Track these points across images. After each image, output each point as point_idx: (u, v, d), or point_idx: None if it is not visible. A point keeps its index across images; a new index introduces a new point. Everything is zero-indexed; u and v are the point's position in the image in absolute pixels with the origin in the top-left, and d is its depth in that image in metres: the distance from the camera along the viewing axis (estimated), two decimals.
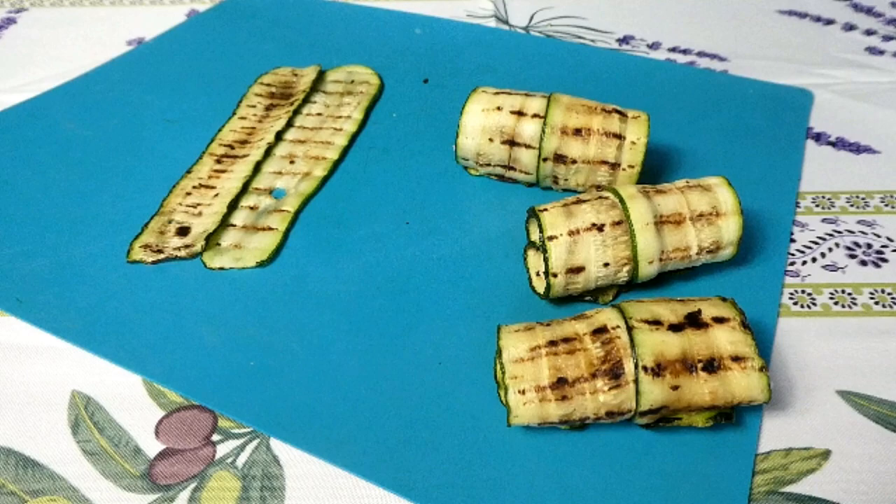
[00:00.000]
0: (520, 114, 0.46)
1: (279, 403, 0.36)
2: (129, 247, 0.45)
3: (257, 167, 0.51)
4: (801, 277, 0.43)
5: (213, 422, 0.36)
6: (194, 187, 0.50)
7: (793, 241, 0.46)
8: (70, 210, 0.48)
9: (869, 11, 0.72)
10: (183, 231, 0.46)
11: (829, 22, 0.70)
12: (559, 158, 0.46)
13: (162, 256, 0.44)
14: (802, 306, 0.41)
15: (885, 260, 0.44)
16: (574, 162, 0.45)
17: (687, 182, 0.41)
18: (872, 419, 0.35)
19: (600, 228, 0.38)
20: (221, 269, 0.44)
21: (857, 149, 0.54)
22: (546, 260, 0.38)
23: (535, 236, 0.42)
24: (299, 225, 0.47)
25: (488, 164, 0.49)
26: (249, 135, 0.55)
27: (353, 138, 0.56)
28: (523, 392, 0.32)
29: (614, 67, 0.64)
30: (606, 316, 0.34)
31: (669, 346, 0.32)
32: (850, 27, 0.69)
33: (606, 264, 0.38)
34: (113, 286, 0.43)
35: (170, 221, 0.47)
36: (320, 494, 0.33)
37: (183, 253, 0.44)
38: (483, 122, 0.47)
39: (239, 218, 0.47)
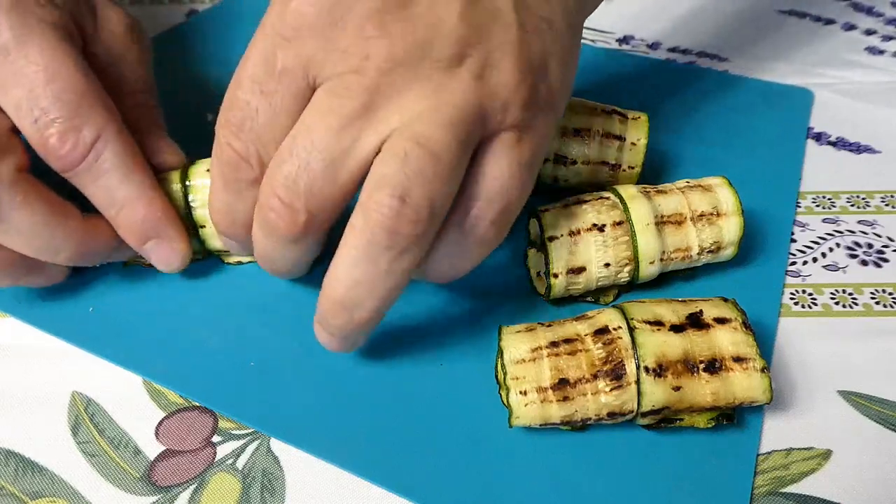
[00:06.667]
0: None
1: (279, 404, 0.36)
2: None
3: None
4: (801, 277, 0.43)
5: (214, 423, 0.36)
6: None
7: (793, 241, 0.46)
8: None
9: (869, 11, 0.71)
10: None
11: (829, 22, 0.70)
12: (560, 159, 0.46)
13: None
14: (803, 306, 0.41)
15: (885, 260, 0.44)
16: (574, 163, 0.45)
17: (687, 182, 0.41)
18: (873, 419, 0.35)
19: (601, 229, 0.38)
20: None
21: (857, 149, 0.54)
22: (547, 261, 0.38)
23: (535, 237, 0.42)
24: None
25: None
26: None
27: None
28: (525, 393, 0.32)
29: (614, 67, 0.64)
30: (608, 316, 0.34)
31: (671, 346, 0.32)
32: (850, 27, 0.69)
33: (607, 265, 0.38)
34: (113, 286, 0.42)
35: None
36: (321, 495, 0.33)
37: None
38: None
39: None
